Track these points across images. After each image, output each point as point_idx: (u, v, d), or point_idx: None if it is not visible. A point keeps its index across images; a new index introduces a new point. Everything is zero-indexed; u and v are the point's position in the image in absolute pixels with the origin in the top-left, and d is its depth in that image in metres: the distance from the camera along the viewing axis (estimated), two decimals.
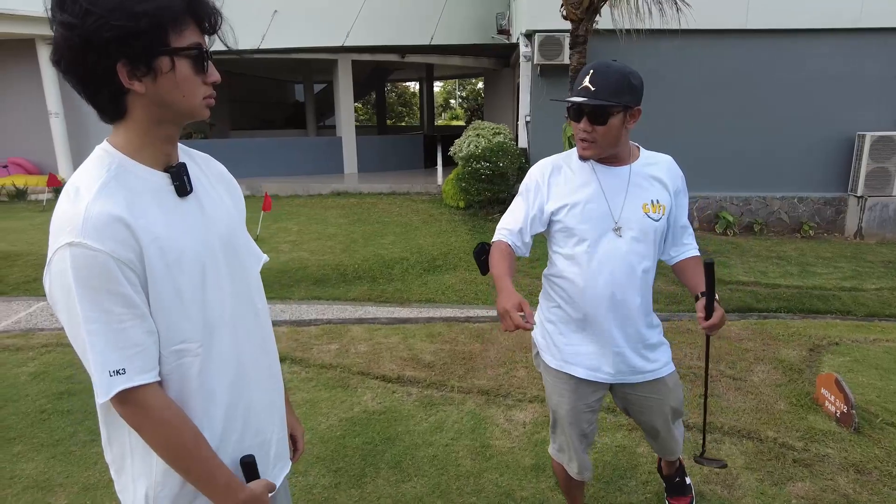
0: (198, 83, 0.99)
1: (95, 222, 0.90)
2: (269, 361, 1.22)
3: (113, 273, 0.90)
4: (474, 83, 32.31)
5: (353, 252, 6.74)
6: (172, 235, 0.99)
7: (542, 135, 8.87)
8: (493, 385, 3.33)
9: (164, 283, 0.97)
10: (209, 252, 1.06)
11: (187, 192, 1.04)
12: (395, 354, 3.80)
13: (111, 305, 0.91)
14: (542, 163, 1.83)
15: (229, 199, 1.17)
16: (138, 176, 0.99)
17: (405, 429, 2.87)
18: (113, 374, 0.92)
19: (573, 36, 6.73)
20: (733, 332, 4.26)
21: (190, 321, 1.02)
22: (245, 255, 1.17)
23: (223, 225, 1.11)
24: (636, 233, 1.71)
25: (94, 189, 0.93)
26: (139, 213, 0.95)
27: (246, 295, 1.15)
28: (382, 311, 4.97)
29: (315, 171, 12.34)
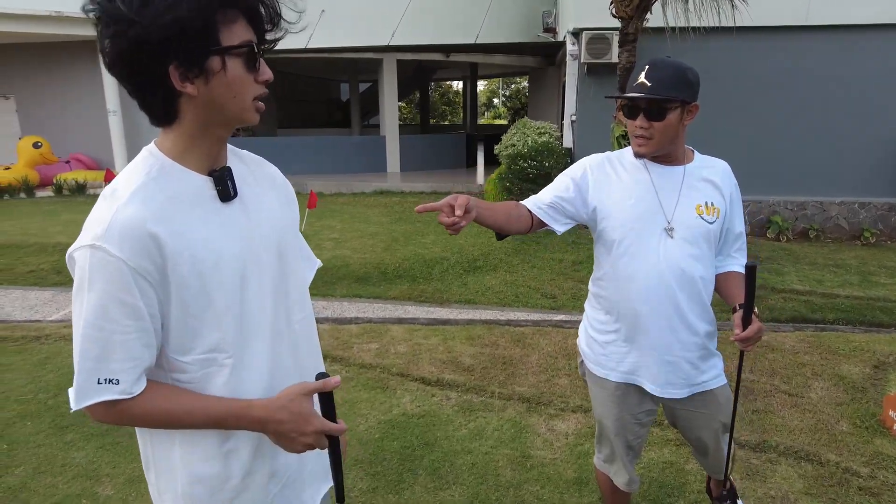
0: (249, 82, 0.96)
1: (120, 228, 0.89)
2: (308, 371, 1.18)
3: (126, 281, 0.89)
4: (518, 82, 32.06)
5: (395, 251, 6.75)
6: (210, 241, 0.97)
7: (588, 135, 8.70)
8: (535, 392, 3.25)
9: (194, 290, 0.95)
10: (251, 259, 1.03)
11: (230, 196, 1.01)
12: (434, 356, 3.77)
13: (118, 314, 0.90)
14: (594, 156, 1.77)
15: (279, 203, 1.14)
16: (180, 180, 0.97)
17: (444, 434, 2.83)
18: (104, 381, 0.91)
19: (622, 34, 6.56)
20: (788, 344, 4.05)
21: (221, 330, 0.99)
22: (293, 262, 1.14)
23: (269, 231, 1.07)
24: (688, 235, 1.62)
25: (127, 193, 0.92)
26: (173, 219, 0.93)
27: (289, 304, 1.12)
28: (422, 311, 4.96)
29: (359, 169, 12.46)
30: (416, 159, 13.31)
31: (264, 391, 1.05)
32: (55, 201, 10.36)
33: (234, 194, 1.02)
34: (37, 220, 8.44)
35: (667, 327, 1.64)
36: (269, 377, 1.06)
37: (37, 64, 12.52)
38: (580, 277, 5.92)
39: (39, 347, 3.97)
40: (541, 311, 4.98)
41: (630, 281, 1.64)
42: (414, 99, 26.30)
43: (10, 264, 6.29)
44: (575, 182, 1.70)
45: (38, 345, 4.02)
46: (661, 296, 1.62)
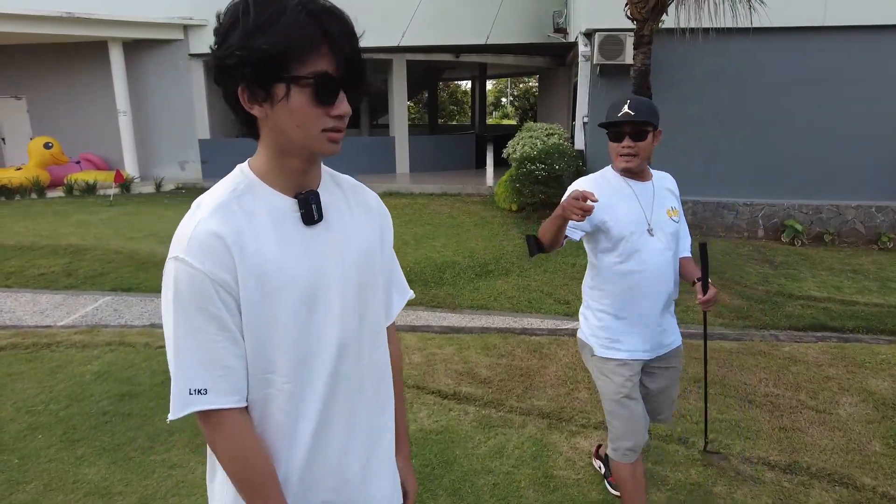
0: (315, 114, 0.94)
1: (199, 241, 0.93)
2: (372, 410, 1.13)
3: (209, 293, 0.92)
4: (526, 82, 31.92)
5: (405, 254, 6.69)
6: (283, 263, 0.97)
7: (601, 136, 8.59)
8: (555, 407, 3.18)
9: (259, 308, 0.96)
10: (325, 286, 1.02)
11: (314, 220, 1.01)
12: (449, 367, 3.70)
13: (203, 324, 0.93)
14: (586, 179, 2.14)
15: (369, 230, 1.12)
16: (264, 198, 0.99)
17: (463, 452, 2.76)
18: (193, 392, 0.94)
19: (637, 36, 6.46)
20: (811, 355, 3.96)
21: (281, 353, 0.99)
22: (375, 293, 1.13)
23: (353, 259, 1.06)
24: (663, 233, 2.07)
25: (210, 208, 0.96)
26: (250, 237, 0.96)
27: (362, 337, 1.09)
28: (434, 317, 4.90)
29: (368, 170, 12.41)
30: (426, 160, 13.24)
31: (316, 425, 1.03)
32: (66, 202, 10.37)
33: (319, 218, 1.02)
34: (48, 222, 8.44)
35: (659, 305, 2.08)
36: (323, 410, 1.03)
37: (48, 65, 12.53)
38: (575, 275, 5.83)
39: (50, 355, 3.93)
40: (554, 318, 4.90)
41: (635, 272, 2.04)
42: (422, 99, 26.23)
43: (21, 266, 6.28)
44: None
45: (48, 352, 3.99)
46: (656, 281, 2.06)
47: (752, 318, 4.96)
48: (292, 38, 0.89)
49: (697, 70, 8.17)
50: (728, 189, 8.36)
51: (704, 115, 8.23)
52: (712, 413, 3.12)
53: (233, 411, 0.96)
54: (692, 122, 8.21)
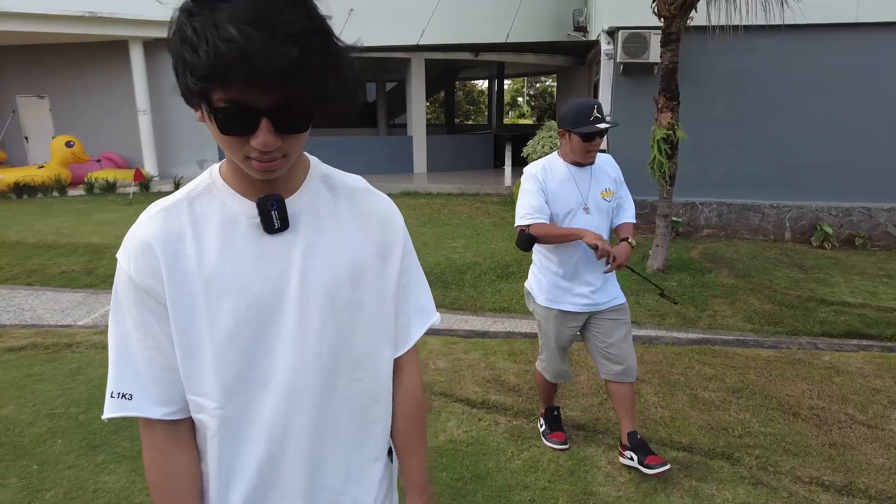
0: (231, 142, 0.81)
1: (131, 243, 0.89)
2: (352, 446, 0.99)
3: (136, 297, 0.88)
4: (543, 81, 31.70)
5: (425, 255, 6.59)
6: (221, 273, 0.87)
7: (624, 135, 8.42)
8: (589, 418, 3.04)
9: (191, 321, 0.87)
10: (277, 303, 0.88)
11: (274, 228, 0.89)
12: (476, 374, 3.58)
13: (132, 328, 0.89)
14: (535, 164, 2.58)
15: (362, 243, 0.97)
16: (220, 202, 0.90)
17: (496, 465, 2.64)
18: (117, 395, 0.89)
19: (665, 33, 6.29)
20: (854, 365, 3.78)
21: (211, 374, 0.88)
22: (361, 316, 0.96)
23: (324, 275, 0.91)
24: (598, 210, 2.52)
25: (156, 209, 0.90)
26: (190, 242, 0.87)
27: (337, 365, 0.94)
28: (456, 320, 4.78)
29: (386, 170, 12.34)
30: (443, 160, 13.14)
31: (260, 464, 0.91)
32: (87, 200, 10.42)
33: (282, 226, 0.89)
34: (69, 220, 8.47)
35: (590, 268, 2.51)
36: (273, 449, 0.91)
37: (70, 64, 12.63)
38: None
39: (71, 356, 3.88)
40: None
41: (573, 243, 2.47)
42: (438, 98, 26.15)
43: (42, 265, 6.28)
44: (540, 189, 2.51)
45: (69, 353, 3.94)
46: (584, 248, 2.46)
47: (784, 324, 4.78)
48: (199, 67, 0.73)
49: (723, 68, 7.97)
50: (754, 190, 8.15)
51: (730, 115, 8.03)
52: (754, 426, 2.98)
53: (161, 423, 0.90)
54: (717, 122, 8.02)
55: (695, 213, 8.36)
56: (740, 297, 5.34)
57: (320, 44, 0.76)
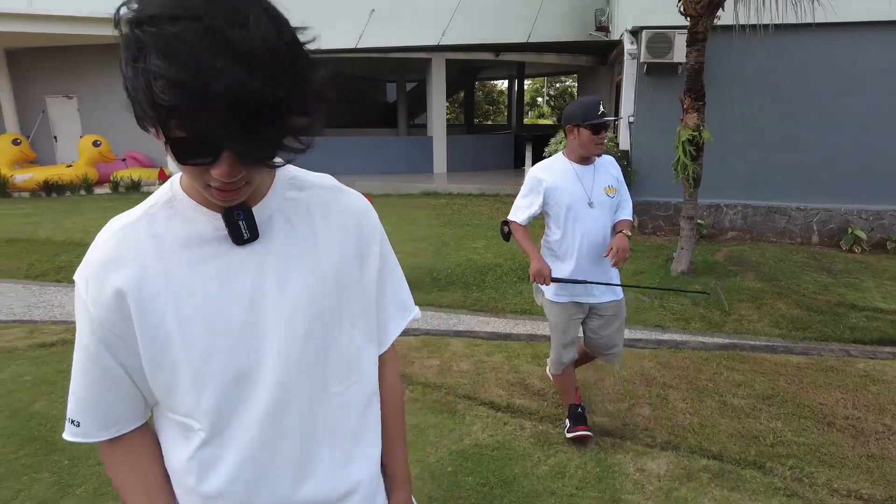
0: (191, 171, 0.75)
1: (89, 267, 0.84)
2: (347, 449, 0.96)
3: (90, 324, 0.84)
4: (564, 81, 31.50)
5: (445, 256, 6.58)
6: (192, 293, 0.82)
7: (648, 136, 8.34)
8: (617, 424, 3.00)
9: (164, 346, 0.82)
10: (254, 317, 0.84)
11: (243, 239, 0.84)
12: (500, 377, 3.55)
13: (84, 356, 0.86)
14: (539, 164, 2.78)
15: (340, 243, 0.92)
16: (182, 217, 0.85)
17: (522, 471, 2.61)
18: (69, 422, 0.89)
19: (691, 33, 6.19)
20: (889, 373, 3.68)
21: (194, 395, 0.84)
22: (344, 320, 0.92)
23: (302, 282, 0.87)
24: (602, 206, 2.68)
25: (113, 228, 0.86)
26: (152, 263, 0.82)
27: (322, 372, 0.90)
28: (478, 322, 4.76)
29: (406, 170, 12.36)
30: (463, 160, 13.12)
31: (247, 483, 0.87)
32: (113, 198, 10.59)
33: (252, 236, 0.84)
34: (96, 218, 8.60)
35: (596, 260, 2.68)
36: (252, 466, 0.87)
37: (98, 65, 12.85)
38: (641, 290, 5.61)
39: None
40: None
41: (577, 235, 2.66)
42: (458, 98, 26.12)
43: (70, 262, 6.39)
44: (535, 193, 2.70)
45: None
46: (593, 242, 2.67)
47: (813, 330, 4.68)
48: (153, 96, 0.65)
49: (750, 68, 7.83)
50: (780, 192, 7.99)
51: (756, 115, 7.89)
52: (787, 435, 2.91)
53: (111, 441, 0.90)
54: (743, 123, 7.88)
55: (719, 216, 8.23)
56: (767, 301, 5.24)
57: (285, 62, 0.67)
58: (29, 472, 2.63)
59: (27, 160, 12.23)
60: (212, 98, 0.63)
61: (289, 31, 0.70)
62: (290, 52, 0.68)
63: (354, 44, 11.21)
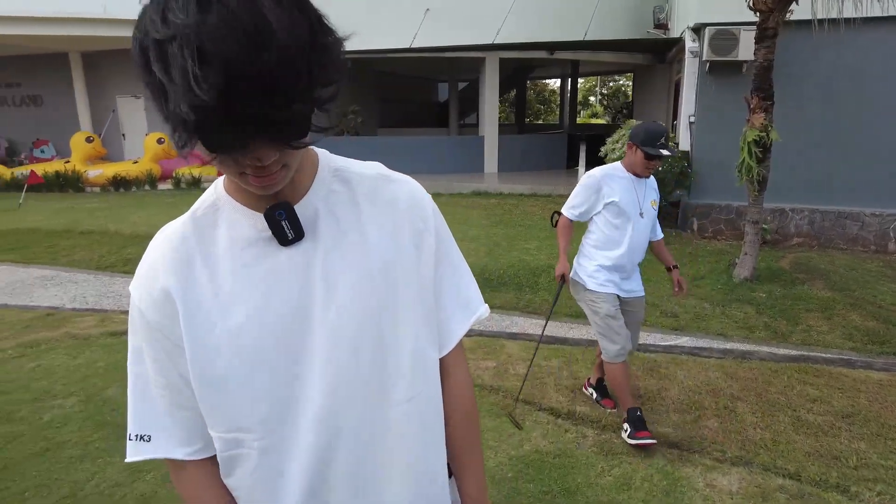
0: (224, 161, 0.71)
1: (141, 275, 0.83)
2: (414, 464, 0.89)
3: (145, 331, 0.82)
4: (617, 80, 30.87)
5: (497, 256, 6.52)
6: (242, 296, 0.79)
7: (710, 137, 8.04)
8: (683, 436, 2.89)
9: (212, 354, 0.78)
10: (304, 320, 0.79)
11: (288, 239, 0.80)
12: (559, 383, 3.48)
13: (148, 364, 0.83)
14: (599, 168, 2.94)
15: (392, 236, 0.86)
16: (228, 220, 0.82)
17: (585, 480, 2.54)
18: (135, 437, 0.84)
19: (761, 29, 5.92)
20: None
21: (248, 406, 0.80)
22: (402, 318, 0.86)
23: (354, 280, 0.82)
24: (648, 217, 2.93)
25: (162, 234, 0.84)
26: (200, 270, 0.80)
27: (381, 377, 0.84)
28: (531, 324, 4.69)
29: (456, 169, 12.35)
30: (514, 160, 13.01)
31: (304, 494, 0.82)
32: (174, 194, 11.02)
33: (297, 236, 0.80)
34: (159, 213, 8.97)
35: (635, 262, 2.97)
36: (316, 484, 0.82)
37: None
38: (702, 295, 5.41)
39: None
40: (662, 332, 4.56)
41: (626, 240, 2.88)
42: (508, 98, 25.97)
43: (136, 254, 6.67)
44: (590, 191, 2.89)
45: None
46: (636, 247, 2.92)
47: (891, 344, 4.39)
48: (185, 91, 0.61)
49: (823, 65, 7.44)
50: (853, 197, 7.56)
51: (826, 115, 7.49)
52: (872, 457, 2.73)
53: (189, 463, 0.85)
54: (812, 123, 7.50)
55: (784, 220, 7.87)
56: (838, 312, 4.96)
57: (308, 35, 0.64)
58: (103, 455, 2.74)
59: (99, 157, 12.87)
60: (242, 80, 0.60)
61: (307, 3, 0.67)
62: (310, 24, 0.65)
63: (408, 44, 11.27)
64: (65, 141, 13.11)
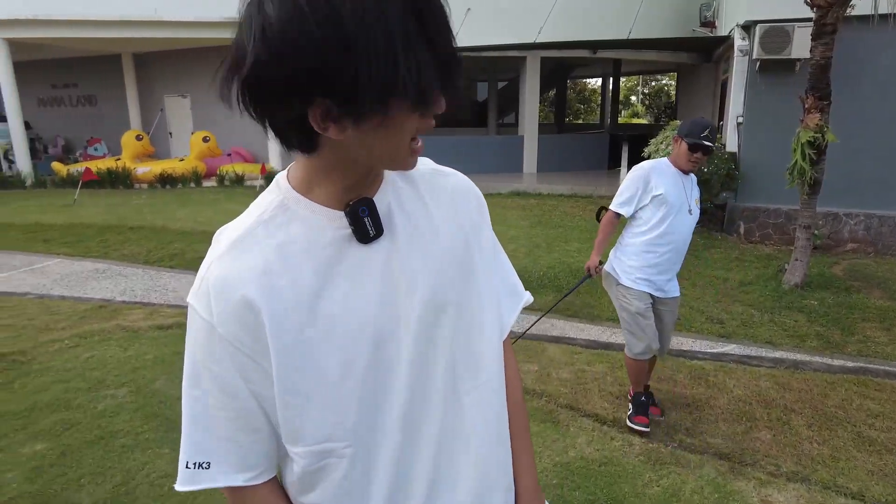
0: (411, 123, 0.70)
1: (209, 287, 0.74)
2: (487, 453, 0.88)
3: (215, 350, 0.74)
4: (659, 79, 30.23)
5: (537, 258, 6.45)
6: (327, 299, 0.74)
7: (759, 138, 7.79)
8: (734, 448, 2.79)
9: (301, 363, 0.74)
10: (392, 319, 0.77)
11: (370, 236, 0.77)
12: (604, 388, 3.41)
13: (209, 385, 0.76)
14: (647, 163, 2.92)
15: (456, 227, 0.85)
16: (303, 219, 0.76)
17: (632, 490, 2.47)
18: (193, 465, 0.77)
19: (818, 25, 5.68)
20: None
21: (337, 413, 0.76)
22: (471, 310, 0.85)
23: (431, 277, 0.80)
24: (695, 212, 2.91)
25: (227, 242, 0.76)
26: (281, 274, 0.74)
27: (456, 369, 0.83)
28: (572, 328, 4.61)
29: (494, 169, 12.30)
30: (554, 160, 12.87)
31: (388, 493, 0.80)
32: (218, 191, 11.29)
33: (377, 233, 0.77)
34: (203, 209, 9.21)
35: (677, 259, 2.93)
36: (396, 475, 0.80)
37: (209, 65, 13.70)
38: (750, 301, 5.24)
39: None
40: (708, 338, 4.43)
41: (672, 236, 2.85)
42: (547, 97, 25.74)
43: (181, 250, 6.86)
44: (637, 184, 2.85)
45: None
46: (681, 244, 2.90)
47: None
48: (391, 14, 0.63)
49: (880, 63, 7.11)
50: None
51: (884, 115, 7.15)
52: None
53: (247, 489, 0.79)
54: (869, 123, 7.17)
55: (837, 225, 7.55)
56: None
57: None
58: (153, 446, 2.81)
59: (147, 154, 13.29)
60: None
61: None
62: None
63: None
64: (116, 139, 13.59)
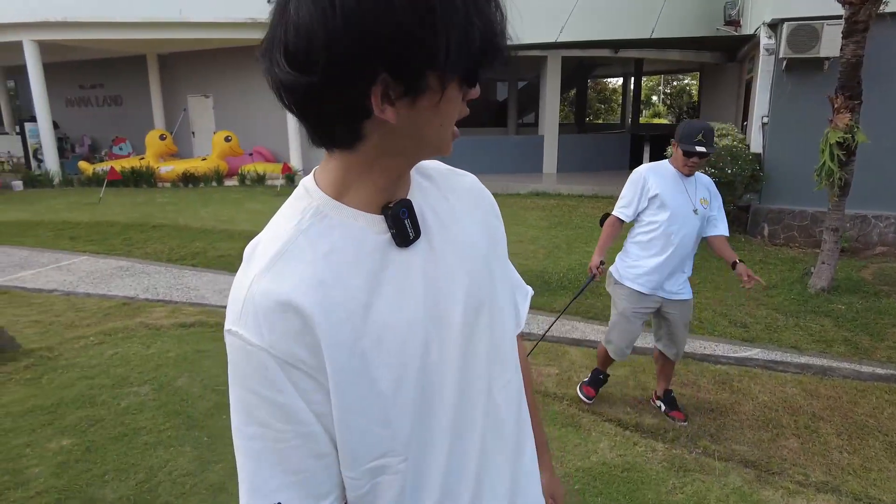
0: (459, 104, 0.70)
1: (256, 307, 0.67)
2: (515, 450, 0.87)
3: (272, 376, 0.67)
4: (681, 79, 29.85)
5: (557, 259, 6.40)
6: (376, 308, 0.71)
7: (784, 138, 7.64)
8: (760, 456, 2.73)
9: (357, 377, 0.70)
10: (436, 321, 0.75)
11: (410, 239, 0.74)
12: (626, 392, 3.36)
13: (269, 417, 0.68)
14: (647, 166, 2.95)
15: (481, 227, 0.84)
16: (341, 225, 0.72)
17: (656, 497, 2.43)
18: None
19: (850, 22, 5.55)
20: None
21: (391, 427, 0.73)
22: (498, 308, 0.84)
23: (468, 276, 0.78)
24: (700, 213, 2.87)
25: (267, 257, 0.69)
26: (328, 285, 0.69)
27: (490, 368, 0.82)
28: (592, 330, 4.56)
29: (514, 169, 12.24)
30: (574, 160, 12.77)
31: (439, 500, 0.78)
32: (240, 190, 11.41)
33: (416, 235, 0.74)
34: (225, 208, 9.30)
35: (682, 263, 2.90)
36: (446, 481, 0.78)
37: (231, 66, 13.90)
38: (774, 305, 5.13)
39: None
40: (731, 342, 4.35)
41: (677, 238, 2.83)
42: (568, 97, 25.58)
43: (203, 248, 6.93)
44: (639, 191, 2.88)
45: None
46: (688, 243, 2.88)
47: None
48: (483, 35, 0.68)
49: None
50: None
51: None
52: None
53: None
54: None
55: (866, 228, 7.38)
56: None
57: None
58: (175, 444, 2.84)
59: (170, 153, 13.48)
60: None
61: None
62: None
63: None
64: (140, 138, 13.81)
